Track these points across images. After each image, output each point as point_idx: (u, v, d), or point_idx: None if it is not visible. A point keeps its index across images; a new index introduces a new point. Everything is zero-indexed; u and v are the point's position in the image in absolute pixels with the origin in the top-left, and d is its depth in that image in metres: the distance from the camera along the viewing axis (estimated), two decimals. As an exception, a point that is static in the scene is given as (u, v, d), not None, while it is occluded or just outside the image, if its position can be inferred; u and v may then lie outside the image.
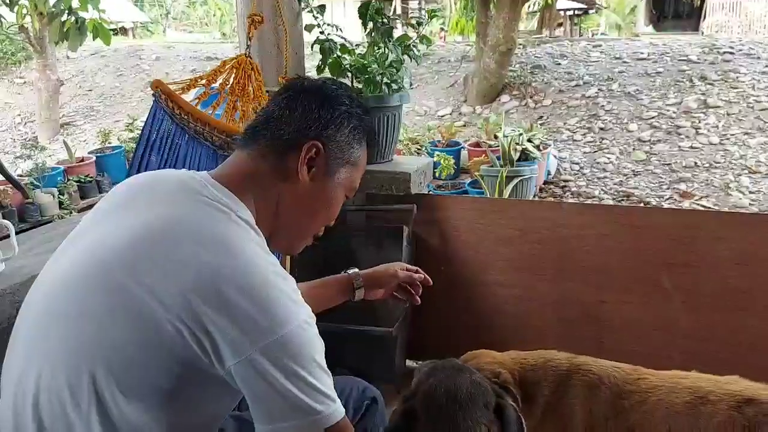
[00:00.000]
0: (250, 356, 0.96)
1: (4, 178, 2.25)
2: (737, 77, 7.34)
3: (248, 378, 0.98)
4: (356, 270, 1.60)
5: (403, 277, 1.59)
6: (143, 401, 0.99)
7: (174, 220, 1.04)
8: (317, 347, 1.03)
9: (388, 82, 2.41)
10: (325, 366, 1.04)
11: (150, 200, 1.10)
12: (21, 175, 4.73)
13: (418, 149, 5.51)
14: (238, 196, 1.11)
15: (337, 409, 1.03)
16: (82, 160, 5.84)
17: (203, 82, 2.10)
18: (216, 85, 2.13)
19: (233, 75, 2.14)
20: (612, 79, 7.66)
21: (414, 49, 2.52)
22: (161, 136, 1.99)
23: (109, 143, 6.50)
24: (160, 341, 0.96)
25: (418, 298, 1.61)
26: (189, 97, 2.09)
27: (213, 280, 0.97)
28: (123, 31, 17.85)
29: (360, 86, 2.45)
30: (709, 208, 5.06)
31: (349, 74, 2.47)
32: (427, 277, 1.63)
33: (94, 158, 5.91)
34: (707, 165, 5.88)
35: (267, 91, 2.19)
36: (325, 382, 1.02)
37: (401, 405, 1.20)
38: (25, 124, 8.99)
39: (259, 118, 1.21)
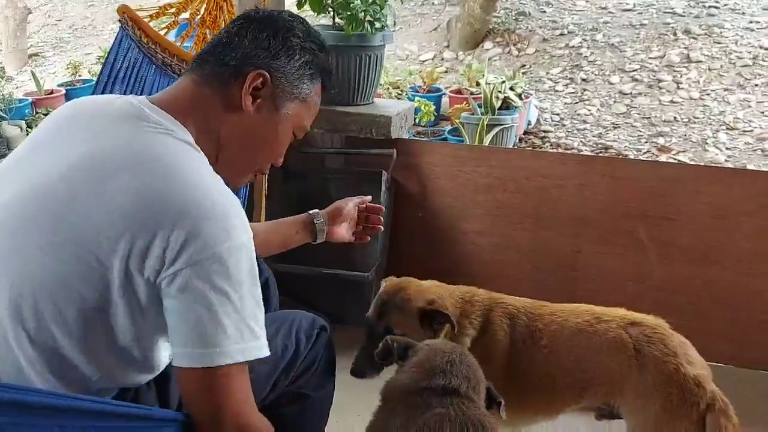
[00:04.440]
0: (181, 270, 0.94)
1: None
2: (721, 32, 7.28)
3: (176, 295, 0.96)
4: (317, 210, 1.61)
5: (355, 198, 1.64)
6: (79, 332, 0.98)
7: (112, 150, 1.02)
8: (253, 275, 1.01)
9: (371, 20, 2.33)
10: (260, 299, 1.02)
11: (88, 129, 1.07)
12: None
13: (399, 94, 5.41)
14: (178, 120, 1.08)
15: (260, 346, 1.01)
16: (52, 93, 5.66)
17: (173, 11, 2.02)
18: (186, 14, 2.05)
19: (204, 5, 2.05)
20: (596, 29, 7.56)
21: (399, -14, 2.43)
22: (127, 65, 1.91)
23: (80, 76, 6.29)
24: (98, 270, 0.95)
25: (380, 226, 1.66)
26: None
27: (153, 200, 0.96)
28: (95, -41, 17.12)
29: (342, 23, 2.37)
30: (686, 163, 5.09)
31: (331, 10, 2.38)
32: (370, 203, 1.68)
33: (64, 91, 5.72)
34: (686, 120, 5.89)
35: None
36: (255, 314, 1.00)
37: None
38: (-8, 53, 8.65)
39: (209, 44, 1.18)
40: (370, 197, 1.65)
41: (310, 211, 1.60)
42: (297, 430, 1.42)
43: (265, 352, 1.02)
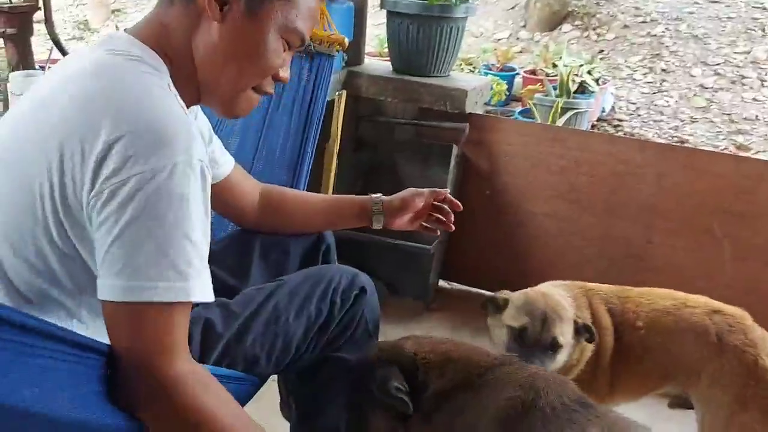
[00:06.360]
0: (104, 191, 0.85)
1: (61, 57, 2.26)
2: (813, 31, 6.92)
3: (97, 218, 0.87)
4: (379, 195, 1.48)
5: (425, 192, 1.46)
6: (36, 267, 0.94)
7: (64, 75, 0.97)
8: (188, 206, 0.88)
9: (457, -10, 2.30)
10: (195, 235, 0.89)
11: (65, 68, 1.04)
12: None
13: (471, 71, 5.35)
14: (148, 46, 1.00)
15: (187, 288, 0.88)
16: (133, 48, 5.82)
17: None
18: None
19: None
20: (681, 19, 7.27)
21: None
22: None
23: (160, 34, 6.45)
24: (38, 196, 0.90)
25: (452, 225, 1.48)
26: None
27: (85, 106, 0.90)
28: None
29: (426, -7, 2.34)
30: (765, 163, 4.88)
31: (417, -22, 2.36)
32: (451, 197, 1.49)
33: (144, 47, 5.88)
34: (768, 119, 5.64)
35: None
36: (183, 252, 0.87)
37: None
38: (77, 6, 8.94)
39: None
40: (447, 190, 1.51)
41: (373, 196, 1.48)
42: None
43: (197, 296, 0.90)
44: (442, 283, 2.76)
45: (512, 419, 1.03)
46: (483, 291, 2.70)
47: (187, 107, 1.03)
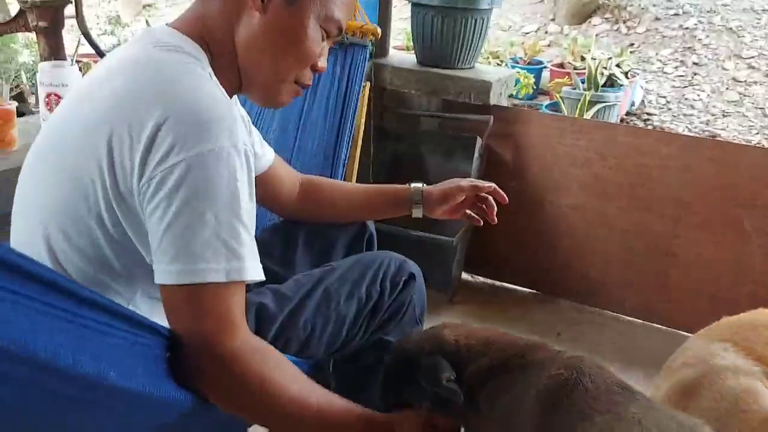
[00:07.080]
0: (153, 178, 0.88)
1: (92, 52, 2.30)
2: None
3: (149, 204, 0.89)
4: (419, 185, 1.48)
5: (467, 187, 1.46)
6: (89, 256, 0.97)
7: (107, 68, 1.01)
8: (233, 188, 0.90)
9: (481, -19, 2.29)
10: (244, 216, 0.92)
11: (108, 61, 1.06)
12: (107, 51, 4.81)
13: (498, 64, 5.31)
14: (190, 39, 1.03)
15: (241, 268, 0.90)
16: (163, 42, 5.88)
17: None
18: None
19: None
20: (714, 11, 7.13)
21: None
22: None
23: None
24: (90, 187, 0.93)
25: (495, 217, 1.48)
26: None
27: (129, 95, 0.92)
28: None
29: (451, -16, 2.34)
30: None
31: (441, -30, 2.36)
32: (498, 189, 1.48)
33: (174, 41, 5.94)
34: (804, 114, 5.51)
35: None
36: (234, 232, 0.90)
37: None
38: (109, 2, 9.08)
39: None
40: (493, 184, 1.48)
41: (413, 185, 1.48)
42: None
43: (251, 275, 0.92)
44: (465, 276, 2.75)
45: (556, 395, 1.02)
46: (507, 284, 2.70)
47: (229, 97, 1.06)
